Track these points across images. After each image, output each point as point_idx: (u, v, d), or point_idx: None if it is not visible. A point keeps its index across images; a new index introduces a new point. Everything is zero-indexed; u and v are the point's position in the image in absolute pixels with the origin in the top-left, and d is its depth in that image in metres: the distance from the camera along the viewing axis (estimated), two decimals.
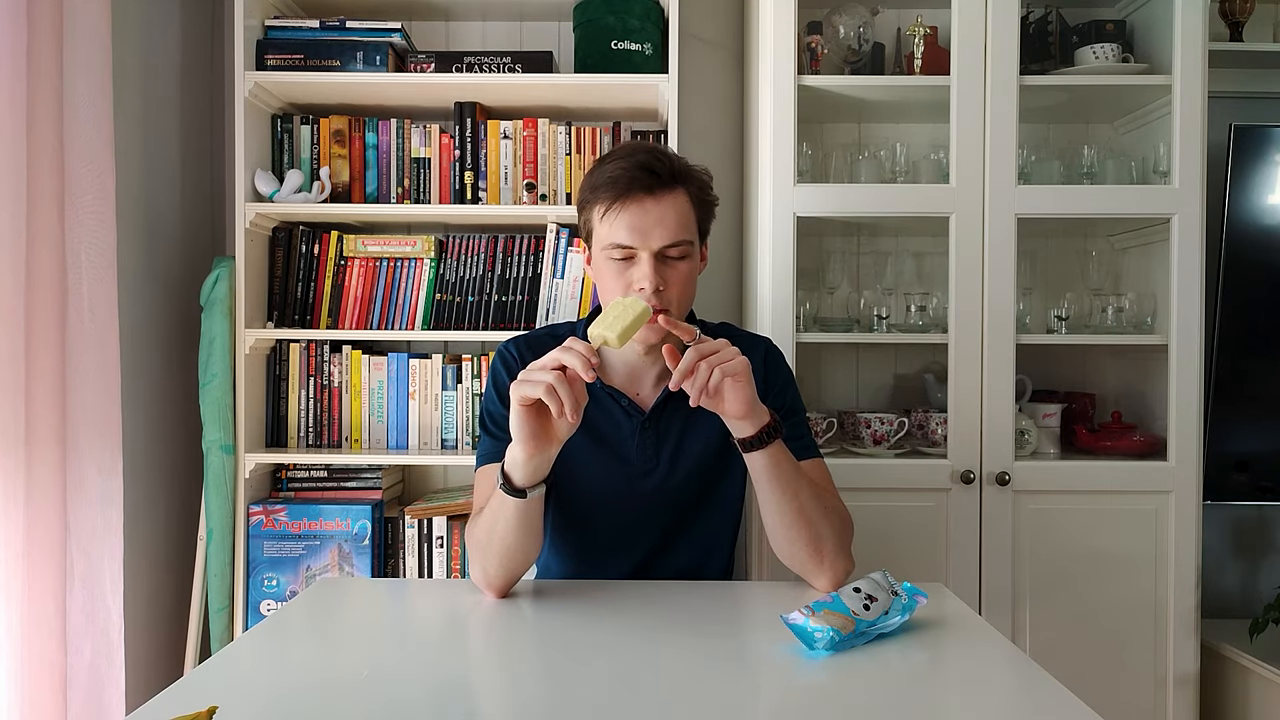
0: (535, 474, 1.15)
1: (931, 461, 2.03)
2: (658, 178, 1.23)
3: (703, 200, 1.30)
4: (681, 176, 1.26)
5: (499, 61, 2.12)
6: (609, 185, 1.24)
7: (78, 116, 1.71)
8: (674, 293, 1.25)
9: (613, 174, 1.24)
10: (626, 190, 1.23)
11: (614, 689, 0.94)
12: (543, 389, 1.07)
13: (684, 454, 1.34)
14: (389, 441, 2.17)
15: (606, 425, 1.34)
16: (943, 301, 2.13)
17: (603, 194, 1.25)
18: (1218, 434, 2.13)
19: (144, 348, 2.09)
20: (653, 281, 1.22)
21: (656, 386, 1.35)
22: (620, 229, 1.23)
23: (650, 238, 1.23)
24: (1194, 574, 2.00)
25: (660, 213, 1.23)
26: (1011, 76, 2.00)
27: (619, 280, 1.25)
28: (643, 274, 1.23)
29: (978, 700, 0.95)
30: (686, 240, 1.25)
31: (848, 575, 1.25)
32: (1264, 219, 2.15)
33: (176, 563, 2.22)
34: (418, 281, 2.16)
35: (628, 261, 1.25)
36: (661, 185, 1.24)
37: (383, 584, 1.64)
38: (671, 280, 1.25)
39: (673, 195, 1.25)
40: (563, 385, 1.06)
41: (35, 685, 1.65)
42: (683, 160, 1.29)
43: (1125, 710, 2.00)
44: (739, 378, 1.12)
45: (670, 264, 1.25)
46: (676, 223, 1.24)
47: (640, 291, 1.23)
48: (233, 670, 1.01)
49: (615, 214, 1.24)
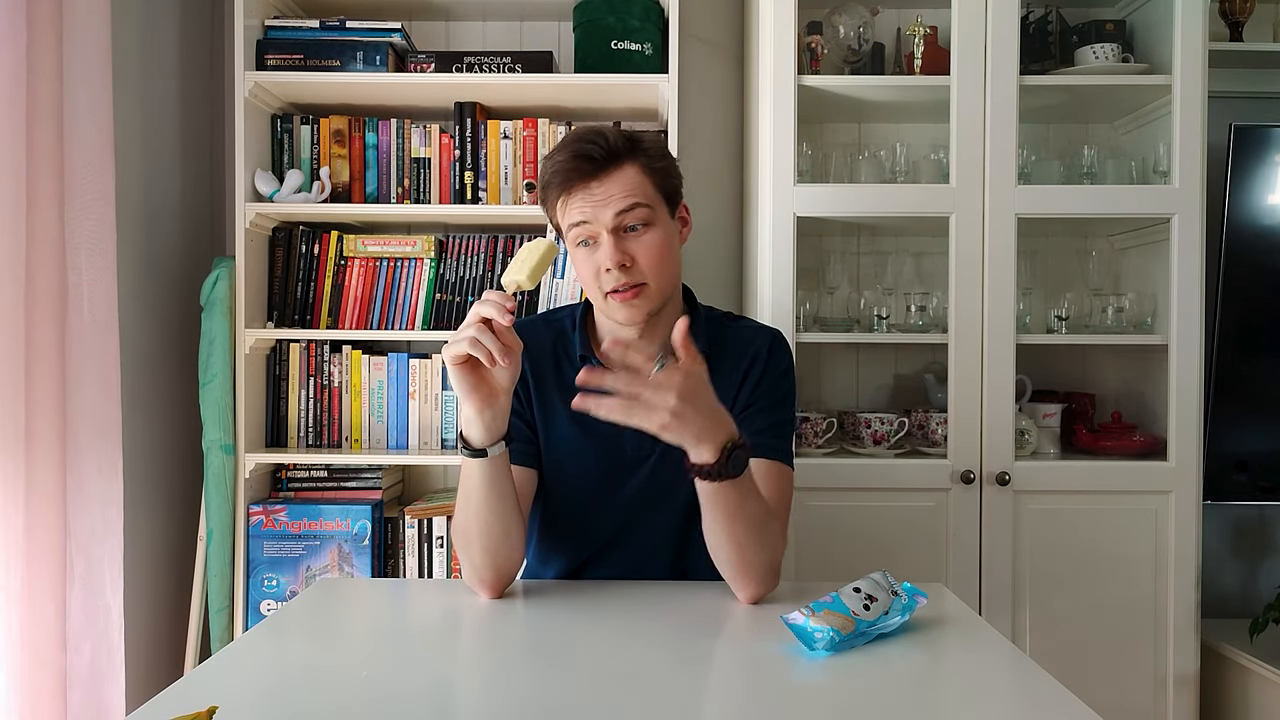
0: (490, 430, 1.15)
1: (931, 461, 2.03)
2: (595, 162, 1.22)
3: (656, 166, 1.27)
4: (623, 151, 1.24)
5: (499, 61, 2.12)
6: (553, 179, 1.24)
7: (78, 117, 1.71)
8: (644, 265, 1.24)
9: (554, 168, 1.24)
10: (567, 181, 1.23)
11: (613, 689, 0.94)
12: (467, 343, 1.08)
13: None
14: (389, 441, 2.17)
15: None
16: (943, 301, 2.13)
17: (551, 191, 1.26)
18: (1218, 434, 2.13)
19: (144, 348, 2.09)
20: (614, 259, 1.21)
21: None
22: (574, 214, 1.24)
23: (601, 215, 1.22)
24: (1194, 574, 2.00)
25: (605, 190, 1.22)
26: (1011, 76, 2.00)
27: (588, 267, 1.25)
28: (604, 254, 1.22)
29: (978, 700, 0.95)
30: (639, 203, 1.23)
31: (766, 596, 1.21)
32: (1264, 219, 2.15)
33: (176, 563, 2.22)
34: (418, 281, 2.16)
35: (593, 245, 1.25)
36: (602, 167, 1.23)
37: (383, 584, 1.64)
38: (638, 252, 1.23)
39: (618, 171, 1.23)
40: (485, 334, 1.08)
41: (35, 685, 1.65)
42: (626, 135, 1.26)
43: (1125, 710, 2.00)
44: (685, 400, 1.03)
45: (633, 236, 1.24)
46: (623, 193, 1.23)
47: (608, 273, 1.22)
48: (233, 670, 1.01)
49: (564, 204, 1.25)
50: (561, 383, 1.33)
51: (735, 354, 1.33)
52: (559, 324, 1.38)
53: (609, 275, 1.23)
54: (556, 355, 1.35)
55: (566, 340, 1.35)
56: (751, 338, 1.36)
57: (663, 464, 1.31)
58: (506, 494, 1.19)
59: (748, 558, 1.17)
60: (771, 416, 1.30)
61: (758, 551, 1.17)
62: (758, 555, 1.17)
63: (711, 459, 1.08)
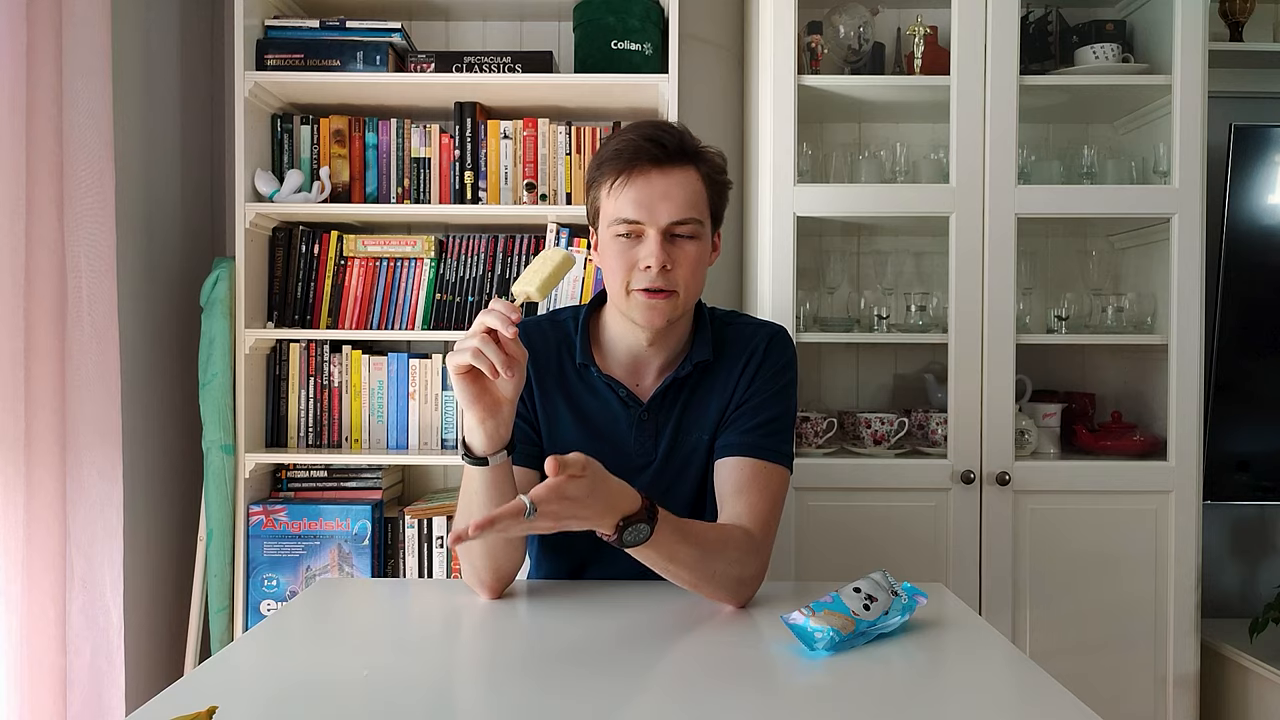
0: (493, 439, 1.13)
1: (931, 461, 2.03)
2: (665, 150, 1.19)
3: (715, 181, 1.25)
4: (692, 153, 1.22)
5: (499, 61, 2.12)
6: (614, 158, 1.20)
7: (77, 117, 1.71)
8: (682, 274, 1.21)
9: (618, 146, 1.20)
10: (631, 161, 1.19)
11: (613, 689, 0.94)
12: (470, 353, 1.05)
13: (680, 447, 1.31)
14: (389, 441, 2.17)
15: (603, 416, 1.32)
16: (943, 301, 2.13)
17: (608, 167, 1.21)
18: (1218, 434, 2.13)
19: (144, 348, 2.09)
20: (659, 259, 1.19)
21: (658, 377, 1.33)
22: (626, 204, 1.20)
23: (657, 213, 1.19)
24: (1194, 574, 2.00)
25: (667, 187, 1.19)
26: (1011, 76, 2.00)
27: (623, 260, 1.22)
28: (649, 252, 1.19)
29: (978, 700, 0.95)
30: (695, 219, 1.21)
31: (750, 600, 1.20)
32: (1264, 219, 2.15)
33: (176, 563, 2.22)
34: (418, 281, 2.16)
35: (634, 239, 1.21)
36: (669, 159, 1.20)
37: (382, 584, 1.64)
38: (680, 260, 1.21)
39: (682, 171, 1.21)
40: (488, 345, 1.05)
41: (35, 686, 1.65)
42: (695, 138, 1.24)
43: (1125, 710, 2.00)
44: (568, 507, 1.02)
45: (679, 243, 1.21)
46: (685, 199, 1.20)
47: (647, 270, 1.20)
48: (233, 670, 1.01)
49: (621, 187, 1.20)
50: (565, 385, 1.33)
51: (735, 354, 1.33)
52: (563, 325, 1.36)
53: (645, 273, 1.20)
54: (561, 358, 1.34)
55: (571, 343, 1.34)
56: (751, 335, 1.35)
57: (665, 467, 1.31)
58: (508, 499, 1.19)
59: (704, 589, 1.16)
60: (762, 414, 1.29)
61: (710, 581, 1.16)
62: (711, 583, 1.16)
63: (610, 533, 1.06)
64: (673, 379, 1.30)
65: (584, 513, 1.03)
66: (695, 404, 1.31)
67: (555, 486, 1.00)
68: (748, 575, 1.19)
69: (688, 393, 1.32)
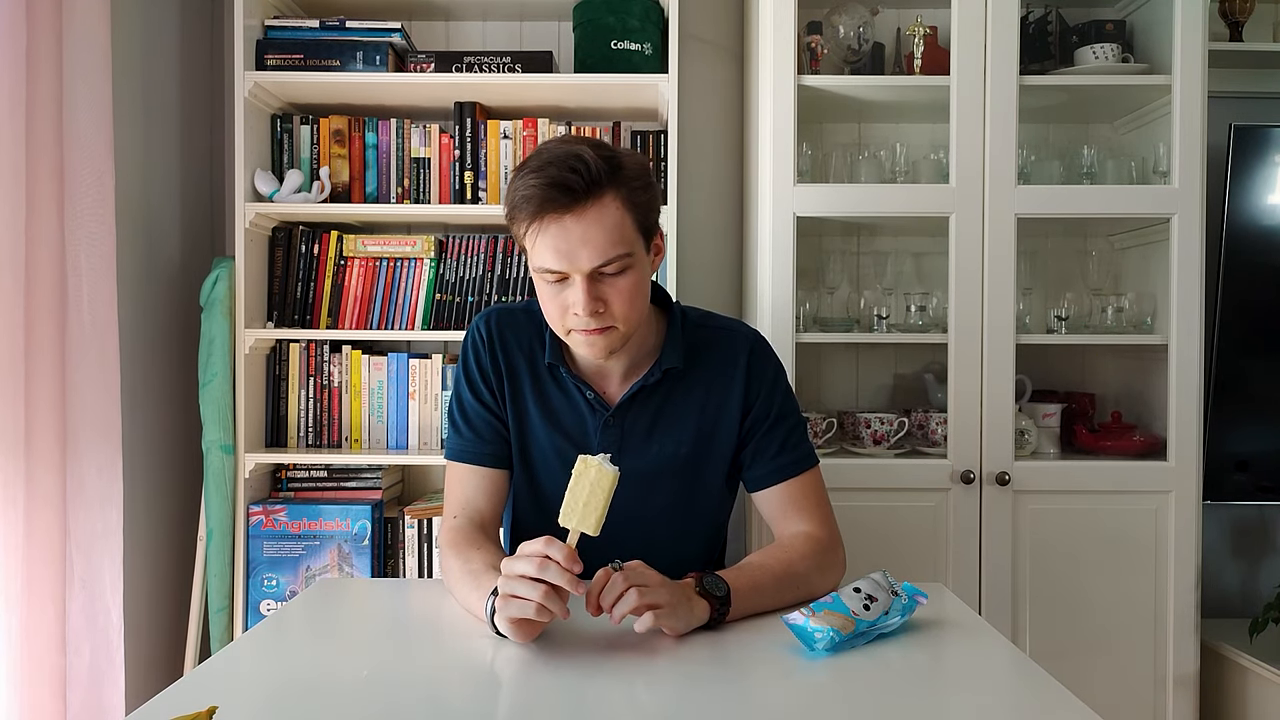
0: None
1: (931, 461, 2.03)
2: (573, 193, 1.10)
3: (637, 201, 1.16)
4: (605, 179, 1.12)
5: (499, 61, 2.12)
6: (524, 204, 1.12)
7: (77, 117, 1.71)
8: (617, 308, 1.16)
9: (526, 193, 1.11)
10: (540, 210, 1.11)
11: (613, 689, 0.94)
12: (533, 609, 0.99)
13: (652, 456, 1.28)
14: (389, 441, 2.17)
15: (571, 416, 1.29)
16: (943, 301, 2.13)
17: (520, 214, 1.14)
18: (1218, 434, 2.13)
19: (144, 348, 2.09)
20: (587, 306, 1.14)
21: (623, 383, 1.29)
22: (546, 253, 1.13)
23: (578, 259, 1.12)
24: (1194, 574, 2.00)
25: (583, 231, 1.11)
26: (1011, 76, 2.00)
27: (554, 303, 1.17)
28: (576, 299, 1.14)
29: (978, 700, 0.95)
30: (621, 254, 1.14)
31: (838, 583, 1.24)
32: (1264, 219, 2.15)
33: (176, 563, 2.22)
34: (418, 281, 2.16)
35: (562, 283, 1.16)
36: (580, 199, 1.11)
37: (383, 584, 1.64)
38: (612, 297, 1.15)
39: (597, 206, 1.12)
40: (553, 600, 0.98)
41: (35, 686, 1.65)
42: (606, 156, 1.13)
43: (1125, 710, 2.00)
44: (662, 611, 1.04)
45: (608, 280, 1.15)
46: (605, 240, 1.12)
47: (576, 318, 1.15)
48: (233, 670, 1.01)
49: (536, 234, 1.13)
50: (537, 380, 1.30)
51: (711, 362, 1.30)
52: (536, 317, 1.29)
53: (577, 317, 1.16)
54: (533, 350, 1.30)
55: (543, 338, 1.30)
56: (728, 345, 1.31)
57: (635, 475, 1.23)
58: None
59: (806, 597, 1.16)
60: (778, 432, 1.29)
61: (808, 592, 1.18)
62: (809, 592, 1.18)
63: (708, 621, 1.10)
64: (640, 385, 1.27)
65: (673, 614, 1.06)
66: (669, 412, 1.29)
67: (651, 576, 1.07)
68: (827, 564, 1.24)
69: (660, 399, 1.29)
